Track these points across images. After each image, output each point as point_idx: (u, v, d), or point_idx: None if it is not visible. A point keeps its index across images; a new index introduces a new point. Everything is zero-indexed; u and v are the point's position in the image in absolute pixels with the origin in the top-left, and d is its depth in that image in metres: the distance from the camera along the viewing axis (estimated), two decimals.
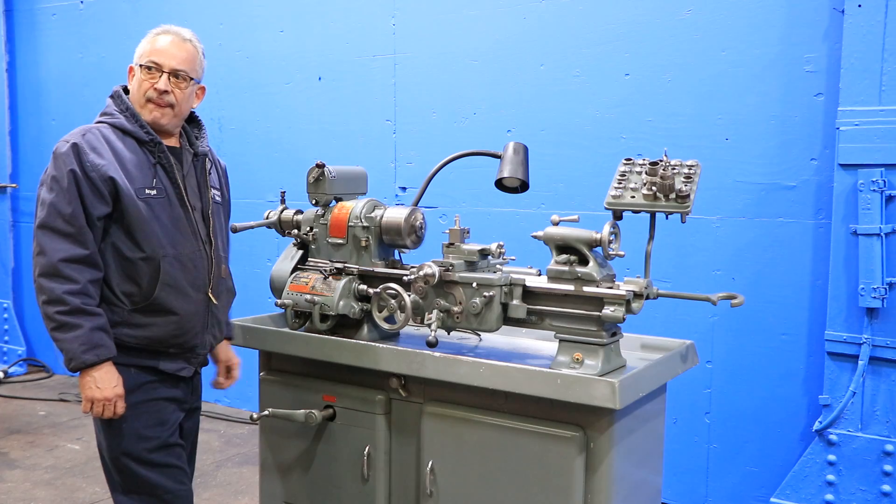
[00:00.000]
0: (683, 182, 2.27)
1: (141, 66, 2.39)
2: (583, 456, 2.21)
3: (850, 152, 3.37)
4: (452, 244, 2.50)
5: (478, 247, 2.48)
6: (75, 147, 2.27)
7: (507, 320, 2.43)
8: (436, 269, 2.41)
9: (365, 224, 2.61)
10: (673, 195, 2.25)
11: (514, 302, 2.40)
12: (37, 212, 2.28)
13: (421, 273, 2.43)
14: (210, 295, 2.45)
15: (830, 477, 3.49)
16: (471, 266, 2.47)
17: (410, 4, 4.61)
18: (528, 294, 2.40)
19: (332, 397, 2.60)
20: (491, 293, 2.37)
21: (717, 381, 3.85)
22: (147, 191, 2.33)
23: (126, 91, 2.45)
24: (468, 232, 2.54)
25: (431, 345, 2.38)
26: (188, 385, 2.51)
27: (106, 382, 2.27)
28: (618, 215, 2.35)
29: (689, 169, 2.31)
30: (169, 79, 2.38)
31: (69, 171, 2.23)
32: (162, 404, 2.41)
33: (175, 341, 2.40)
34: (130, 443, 2.37)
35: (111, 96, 2.45)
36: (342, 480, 2.61)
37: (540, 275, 2.49)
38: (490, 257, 2.52)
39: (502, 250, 2.55)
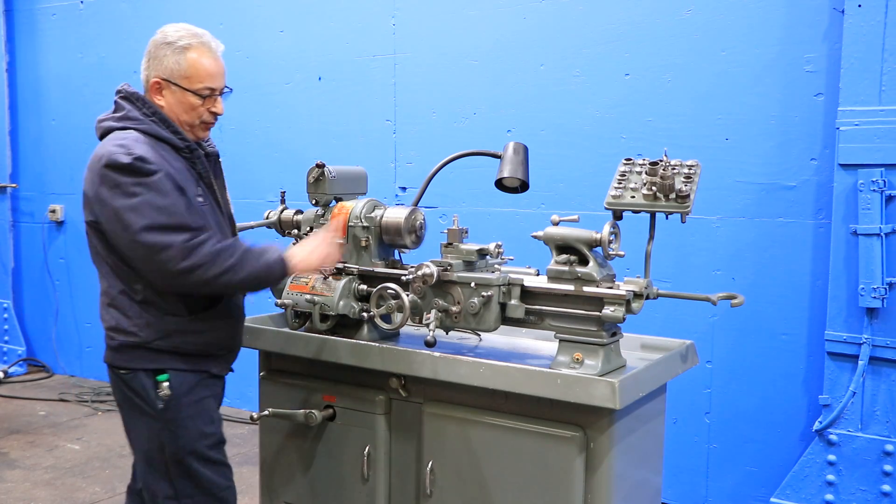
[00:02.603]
0: (683, 182, 2.27)
1: (193, 91, 2.29)
2: (583, 456, 2.21)
3: (850, 152, 3.37)
4: (451, 244, 2.50)
5: (476, 247, 2.48)
6: (142, 157, 2.15)
7: (506, 320, 2.43)
8: (434, 269, 2.41)
9: (365, 224, 2.61)
10: (673, 195, 2.25)
11: (513, 302, 2.40)
12: (124, 220, 2.12)
13: (419, 273, 2.43)
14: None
15: (830, 477, 3.49)
16: (469, 266, 2.47)
17: (410, 4, 4.61)
18: (527, 294, 2.40)
19: (332, 397, 2.61)
20: (489, 293, 2.37)
21: (717, 381, 3.85)
22: (198, 198, 2.29)
23: (137, 97, 2.32)
24: (466, 232, 2.54)
25: (430, 344, 2.38)
26: (223, 383, 2.51)
27: (306, 245, 2.35)
28: (618, 215, 2.35)
29: (689, 169, 2.31)
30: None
31: (159, 176, 2.14)
32: (211, 402, 2.41)
33: (227, 344, 2.42)
34: (195, 441, 2.34)
35: (128, 98, 2.32)
36: (342, 480, 2.61)
37: (538, 275, 2.49)
38: (488, 257, 2.52)
39: (501, 250, 2.55)
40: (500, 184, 2.64)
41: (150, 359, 2.26)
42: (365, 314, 2.59)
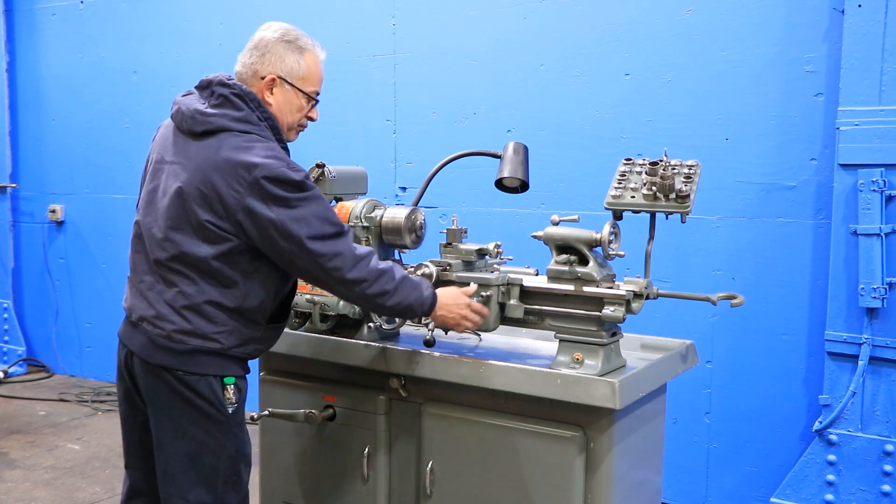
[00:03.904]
0: (683, 182, 2.27)
1: (305, 93, 2.31)
2: (583, 456, 2.21)
3: (850, 152, 3.37)
4: (450, 244, 2.50)
5: (475, 246, 2.48)
6: (307, 175, 2.18)
7: (505, 320, 2.43)
8: (433, 269, 2.41)
9: (365, 224, 2.61)
10: (673, 195, 2.25)
11: (512, 302, 2.40)
12: (290, 232, 2.10)
13: (418, 273, 2.43)
14: None
15: (830, 477, 3.49)
16: (468, 266, 2.47)
17: (410, 4, 4.61)
18: (526, 294, 2.41)
19: (332, 397, 2.60)
20: (488, 293, 2.37)
21: (717, 381, 3.85)
22: None
23: (252, 97, 2.24)
24: (466, 232, 2.54)
25: (429, 344, 2.38)
26: None
27: (454, 299, 2.34)
28: (618, 215, 2.35)
29: (689, 169, 2.31)
30: None
31: (319, 192, 2.19)
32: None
33: (270, 349, 2.42)
34: (248, 445, 2.33)
35: (241, 97, 2.20)
36: (342, 480, 2.61)
37: (538, 275, 2.49)
38: (488, 257, 2.52)
39: (500, 250, 2.55)
40: (500, 184, 2.63)
41: (221, 364, 2.22)
42: (372, 324, 2.59)
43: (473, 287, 2.40)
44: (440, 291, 2.35)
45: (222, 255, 2.15)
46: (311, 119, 2.39)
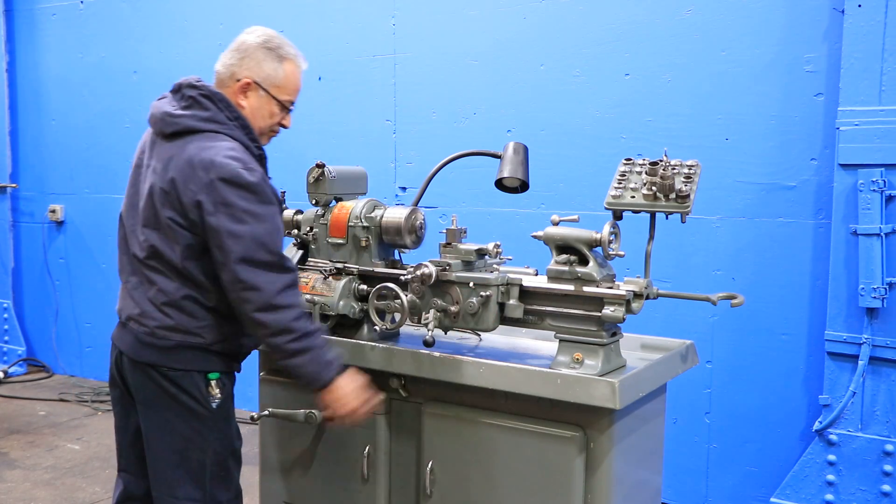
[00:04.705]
0: (683, 182, 2.27)
1: (279, 100, 2.32)
2: (583, 456, 2.21)
3: (850, 152, 3.37)
4: (449, 244, 2.50)
5: (475, 246, 2.47)
6: (264, 177, 2.18)
7: (505, 320, 2.43)
8: (432, 269, 2.41)
9: (365, 224, 2.61)
10: (673, 195, 2.25)
11: (511, 302, 2.40)
12: (223, 242, 2.11)
13: (418, 273, 2.43)
14: None
15: (830, 477, 3.49)
16: (468, 266, 2.47)
17: (410, 4, 4.61)
18: (526, 294, 2.40)
19: None
20: (487, 293, 2.37)
21: (717, 381, 3.85)
22: None
23: (220, 97, 2.27)
24: (465, 232, 2.54)
25: (428, 344, 2.38)
26: None
27: (355, 391, 2.28)
28: (618, 215, 2.35)
29: (689, 169, 2.31)
30: None
31: (274, 201, 2.18)
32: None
33: (254, 345, 2.44)
34: (235, 440, 2.37)
35: (209, 97, 2.24)
36: (342, 480, 2.61)
37: (537, 274, 2.49)
38: (487, 257, 2.52)
39: (499, 250, 2.55)
40: (500, 184, 2.63)
41: (204, 360, 2.26)
42: (381, 328, 2.59)
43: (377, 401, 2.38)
44: (344, 380, 2.28)
45: (188, 255, 2.19)
46: (284, 126, 2.42)
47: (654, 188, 2.27)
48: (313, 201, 2.71)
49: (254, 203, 2.13)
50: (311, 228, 2.72)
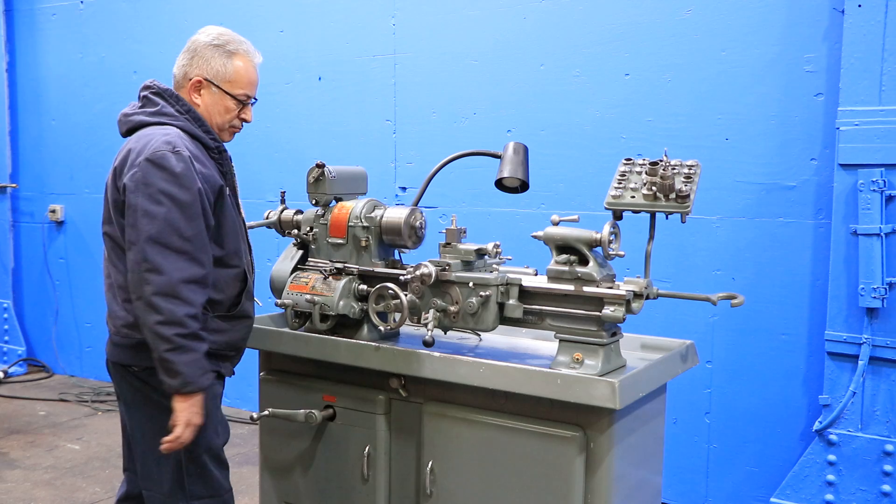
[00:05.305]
0: (683, 182, 2.27)
1: (232, 95, 2.34)
2: (583, 456, 2.21)
3: (850, 152, 3.37)
4: (449, 244, 2.50)
5: (474, 246, 2.48)
6: (189, 160, 2.16)
7: (504, 320, 2.43)
8: (432, 269, 2.41)
9: (365, 224, 2.61)
10: (673, 195, 2.25)
11: (511, 302, 2.40)
12: (137, 221, 2.10)
13: (417, 273, 2.43)
14: (256, 299, 2.50)
15: (830, 477, 3.49)
16: (467, 266, 2.47)
17: (410, 4, 4.61)
18: (525, 294, 2.40)
19: (332, 397, 2.61)
20: (487, 293, 2.37)
21: (717, 381, 3.85)
22: (229, 197, 2.33)
23: (170, 93, 2.33)
24: (465, 232, 2.54)
25: (428, 344, 2.38)
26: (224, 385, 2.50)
27: (201, 408, 2.22)
28: (618, 215, 2.35)
29: (689, 169, 2.31)
30: None
31: (195, 190, 2.14)
32: (219, 402, 2.42)
33: (240, 345, 2.43)
34: (213, 438, 2.35)
35: (160, 94, 2.31)
36: (342, 480, 2.61)
37: (537, 274, 2.49)
38: (487, 257, 2.52)
39: (499, 250, 2.55)
40: (500, 184, 2.64)
41: None
42: (384, 327, 2.59)
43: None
44: (199, 400, 2.20)
45: None
46: (245, 120, 2.43)
47: (654, 188, 2.27)
48: (313, 201, 2.72)
49: (174, 186, 2.12)
50: (311, 228, 2.73)
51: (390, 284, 2.47)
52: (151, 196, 2.12)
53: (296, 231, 2.78)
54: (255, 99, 2.45)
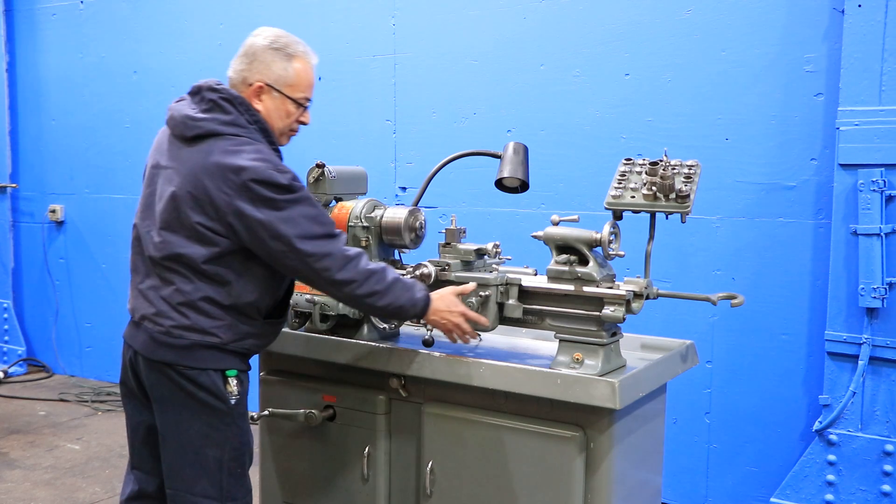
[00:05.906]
0: (683, 182, 2.27)
1: (293, 99, 2.33)
2: (583, 456, 2.21)
3: (850, 152, 3.37)
4: (449, 244, 2.50)
5: (474, 246, 2.48)
6: (295, 175, 2.22)
7: (504, 320, 2.43)
8: (432, 269, 2.42)
9: (365, 224, 2.61)
10: (673, 195, 2.25)
11: (511, 301, 2.40)
12: (278, 232, 2.14)
13: (417, 273, 2.43)
14: None
15: (830, 477, 3.49)
16: (467, 266, 2.47)
17: (410, 4, 4.61)
18: (525, 294, 2.41)
19: (332, 397, 2.61)
20: (487, 293, 2.37)
21: (717, 381, 3.85)
22: None
23: (240, 101, 2.27)
24: (464, 231, 2.54)
25: (427, 344, 2.38)
26: None
27: (451, 304, 2.33)
28: (618, 215, 2.35)
29: (689, 169, 2.31)
30: None
31: (308, 193, 2.23)
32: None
33: (269, 345, 2.45)
34: (251, 438, 2.37)
35: (230, 101, 2.23)
36: (342, 480, 2.61)
37: (537, 274, 2.49)
38: (486, 257, 2.52)
39: (498, 250, 2.55)
40: (500, 184, 2.64)
41: (221, 358, 2.25)
42: (384, 327, 2.62)
43: (471, 286, 2.40)
44: (435, 295, 2.34)
45: (214, 256, 2.20)
46: (303, 123, 2.42)
47: (654, 188, 2.27)
48: None
49: (290, 195, 2.17)
50: None
51: None
52: (277, 207, 2.15)
53: None
54: (311, 100, 2.42)
